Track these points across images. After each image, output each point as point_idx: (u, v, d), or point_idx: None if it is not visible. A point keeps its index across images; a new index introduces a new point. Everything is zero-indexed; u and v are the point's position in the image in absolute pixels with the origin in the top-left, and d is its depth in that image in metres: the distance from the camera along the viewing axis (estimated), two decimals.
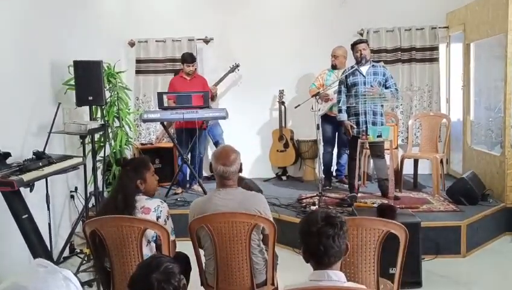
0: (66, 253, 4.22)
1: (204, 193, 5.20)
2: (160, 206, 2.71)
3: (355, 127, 4.67)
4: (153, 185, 2.85)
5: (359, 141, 4.67)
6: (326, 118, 5.50)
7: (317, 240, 1.82)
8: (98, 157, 4.56)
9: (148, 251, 2.65)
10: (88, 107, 4.44)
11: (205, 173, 6.27)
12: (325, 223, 1.83)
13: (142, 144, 6.14)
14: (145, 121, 5.34)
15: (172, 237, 2.69)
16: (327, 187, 5.50)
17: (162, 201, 2.77)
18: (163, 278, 1.63)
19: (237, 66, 6.06)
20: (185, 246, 2.82)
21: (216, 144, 6.09)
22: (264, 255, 2.72)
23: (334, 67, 5.54)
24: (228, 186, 2.71)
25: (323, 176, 5.56)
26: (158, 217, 2.67)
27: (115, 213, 2.59)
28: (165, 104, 5.22)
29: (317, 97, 4.83)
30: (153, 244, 2.71)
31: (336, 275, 1.81)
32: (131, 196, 2.66)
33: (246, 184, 4.35)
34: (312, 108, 4.76)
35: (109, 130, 4.70)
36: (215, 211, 2.61)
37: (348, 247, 1.90)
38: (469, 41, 5.59)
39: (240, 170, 2.74)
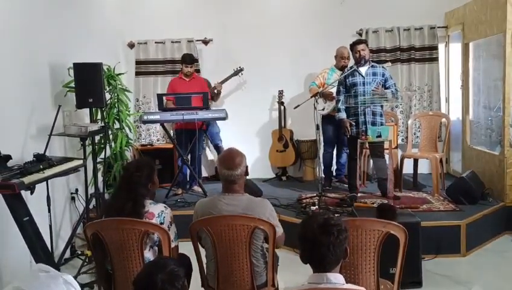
0: (67, 255, 4.24)
1: (205, 193, 5.22)
2: (164, 212, 2.69)
3: (353, 124, 4.68)
4: (157, 184, 2.85)
5: (359, 141, 4.68)
6: (327, 118, 5.49)
7: (312, 248, 1.79)
8: (98, 159, 4.57)
9: (150, 255, 2.65)
10: (88, 109, 4.45)
11: (204, 172, 6.30)
12: (322, 231, 1.78)
13: (142, 145, 6.15)
14: (145, 122, 5.35)
15: (175, 243, 2.69)
16: (327, 187, 5.51)
17: (166, 206, 2.74)
18: (168, 280, 1.66)
19: (241, 69, 6.01)
20: (186, 248, 2.83)
21: (215, 145, 6.11)
22: (266, 257, 2.72)
23: (342, 68, 5.40)
24: (234, 192, 2.66)
25: (323, 176, 5.58)
26: (161, 223, 2.64)
27: None
28: (165, 106, 5.23)
29: (317, 97, 4.84)
30: (156, 249, 2.70)
31: (335, 278, 1.79)
32: (141, 204, 2.63)
33: (246, 184, 4.36)
34: (315, 107, 4.74)
35: (109, 132, 4.71)
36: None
37: (347, 252, 1.85)
38: (468, 41, 5.60)
39: (246, 173, 2.71)
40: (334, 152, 5.82)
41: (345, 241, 1.83)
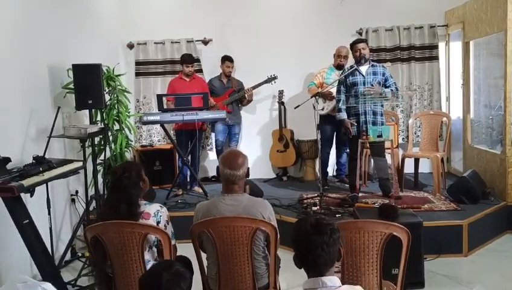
0: (68, 257, 4.23)
1: (205, 194, 5.20)
2: (160, 211, 2.70)
3: (355, 124, 4.66)
4: (148, 182, 2.83)
5: (359, 140, 4.67)
6: (326, 118, 5.47)
7: (306, 250, 1.79)
8: (98, 161, 4.56)
9: (149, 257, 2.64)
10: (88, 110, 4.43)
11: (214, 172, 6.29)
12: (314, 232, 1.78)
13: (142, 146, 6.13)
14: (145, 123, 5.33)
15: (172, 242, 2.68)
16: (325, 187, 5.48)
17: (162, 206, 2.75)
18: (174, 280, 1.67)
19: (274, 77, 5.87)
20: (187, 249, 2.81)
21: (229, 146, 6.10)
22: (267, 260, 2.70)
23: (341, 67, 5.41)
24: (234, 192, 2.66)
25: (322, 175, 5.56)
26: (158, 222, 2.65)
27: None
28: (165, 106, 5.21)
29: (317, 97, 4.82)
30: (155, 249, 2.70)
31: (330, 281, 1.78)
32: (136, 205, 2.62)
33: (247, 185, 4.35)
34: (314, 107, 4.72)
35: (109, 133, 4.69)
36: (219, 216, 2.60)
37: (341, 252, 1.84)
38: (468, 40, 5.59)
39: (247, 175, 2.71)
40: (334, 152, 5.80)
41: (338, 241, 1.83)
